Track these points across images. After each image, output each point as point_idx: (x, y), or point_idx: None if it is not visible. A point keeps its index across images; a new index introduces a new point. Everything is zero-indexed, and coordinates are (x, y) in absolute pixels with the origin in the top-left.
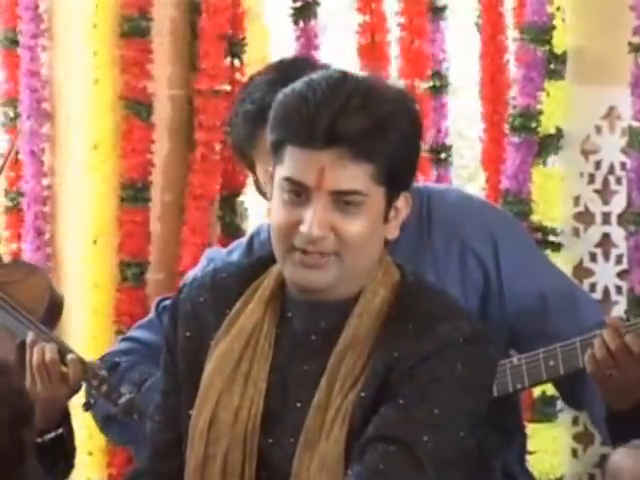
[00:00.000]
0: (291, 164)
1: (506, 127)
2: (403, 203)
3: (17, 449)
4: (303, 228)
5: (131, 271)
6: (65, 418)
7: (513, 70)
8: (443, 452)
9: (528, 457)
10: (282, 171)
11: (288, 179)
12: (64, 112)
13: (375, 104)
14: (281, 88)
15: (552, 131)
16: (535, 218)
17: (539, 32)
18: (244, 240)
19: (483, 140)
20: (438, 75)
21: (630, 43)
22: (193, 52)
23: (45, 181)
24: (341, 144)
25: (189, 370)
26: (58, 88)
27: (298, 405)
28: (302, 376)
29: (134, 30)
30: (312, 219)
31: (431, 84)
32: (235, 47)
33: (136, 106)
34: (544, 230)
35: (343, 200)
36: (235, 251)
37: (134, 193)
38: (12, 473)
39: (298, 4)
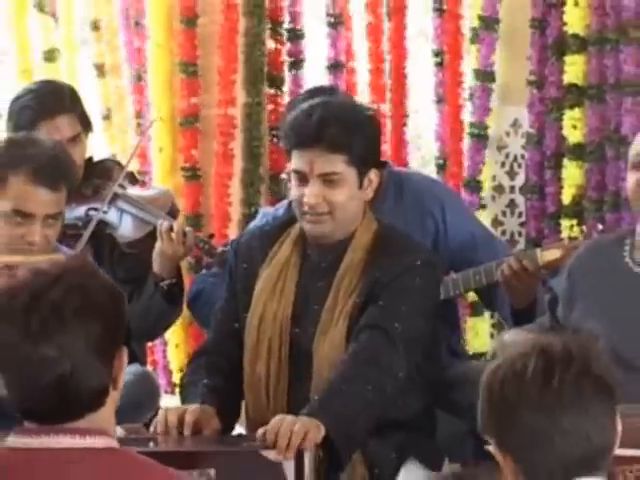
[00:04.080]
0: (295, 161)
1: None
2: (374, 176)
3: (123, 326)
4: (305, 199)
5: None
6: (178, 272)
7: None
8: (408, 333)
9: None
10: (291, 165)
11: (294, 170)
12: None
13: (346, 117)
14: None
15: None
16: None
17: (486, 75)
18: (286, 202)
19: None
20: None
21: (527, 80)
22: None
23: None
24: (322, 143)
25: (244, 288)
26: None
27: (315, 307)
28: (318, 289)
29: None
30: (310, 193)
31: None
32: (276, 82)
33: (189, 120)
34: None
35: (327, 179)
36: (280, 208)
37: (192, 173)
38: (118, 347)
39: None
